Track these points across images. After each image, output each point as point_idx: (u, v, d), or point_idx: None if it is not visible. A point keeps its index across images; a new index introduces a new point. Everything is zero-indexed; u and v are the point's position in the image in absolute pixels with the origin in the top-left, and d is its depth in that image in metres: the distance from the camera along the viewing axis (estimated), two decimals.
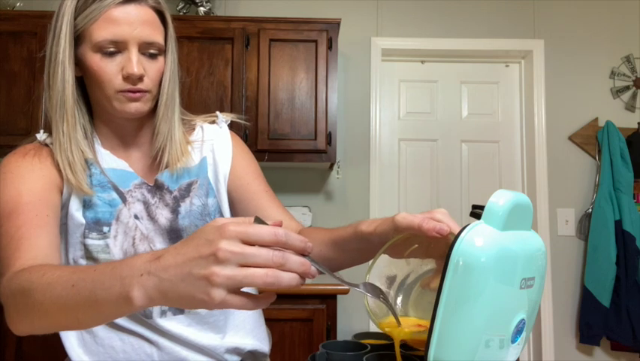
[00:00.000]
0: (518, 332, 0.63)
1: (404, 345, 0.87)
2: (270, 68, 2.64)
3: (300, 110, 2.63)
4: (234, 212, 1.02)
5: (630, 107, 3.03)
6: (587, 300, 2.80)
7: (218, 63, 2.63)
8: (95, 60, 0.85)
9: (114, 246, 0.89)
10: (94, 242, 0.88)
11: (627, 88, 3.05)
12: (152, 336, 0.90)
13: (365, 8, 3.04)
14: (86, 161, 0.90)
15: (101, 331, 0.90)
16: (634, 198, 2.86)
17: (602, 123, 2.97)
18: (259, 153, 2.54)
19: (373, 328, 2.85)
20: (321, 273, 0.55)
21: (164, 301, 0.53)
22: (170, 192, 0.95)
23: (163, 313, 0.90)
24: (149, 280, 0.52)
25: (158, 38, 0.88)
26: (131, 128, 0.95)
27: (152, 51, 0.87)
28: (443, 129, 3.13)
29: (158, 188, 0.95)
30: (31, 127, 2.53)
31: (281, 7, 2.95)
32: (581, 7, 3.08)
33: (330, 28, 2.67)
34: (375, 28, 3.04)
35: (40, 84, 2.56)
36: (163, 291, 0.52)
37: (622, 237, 2.77)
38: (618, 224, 2.79)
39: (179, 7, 2.81)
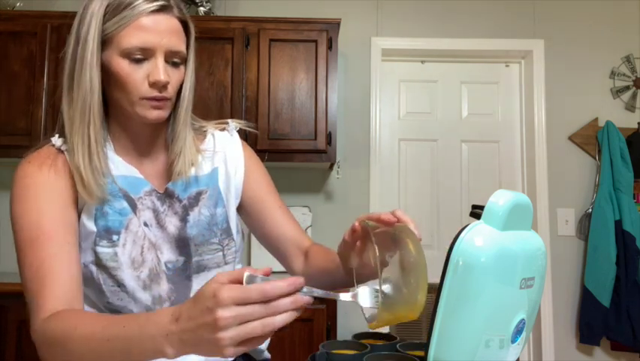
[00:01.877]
0: (518, 332, 0.63)
1: (404, 345, 0.87)
2: (270, 68, 2.64)
3: (300, 110, 2.63)
4: (250, 225, 1.08)
5: (630, 107, 3.03)
6: (587, 300, 2.80)
7: (218, 63, 2.63)
8: (123, 66, 0.86)
9: (122, 254, 0.90)
10: (103, 250, 0.89)
11: (627, 88, 3.05)
12: None
13: (365, 8, 3.04)
14: None
15: None
16: (634, 198, 2.86)
17: (602, 123, 2.97)
18: (259, 153, 2.51)
19: None
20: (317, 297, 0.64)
21: (194, 353, 0.61)
22: (180, 201, 0.97)
23: None
24: (174, 340, 0.62)
25: (182, 48, 0.90)
26: (147, 134, 0.96)
27: (175, 60, 0.89)
28: (443, 129, 3.13)
29: (168, 196, 0.96)
30: (31, 127, 2.53)
31: (281, 7, 2.95)
32: (581, 7, 3.08)
33: (330, 28, 2.66)
34: (375, 28, 3.04)
35: (40, 84, 2.56)
36: (188, 348, 0.61)
37: (622, 237, 2.77)
38: (618, 224, 2.79)
39: None
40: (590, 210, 2.92)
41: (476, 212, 0.63)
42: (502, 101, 3.16)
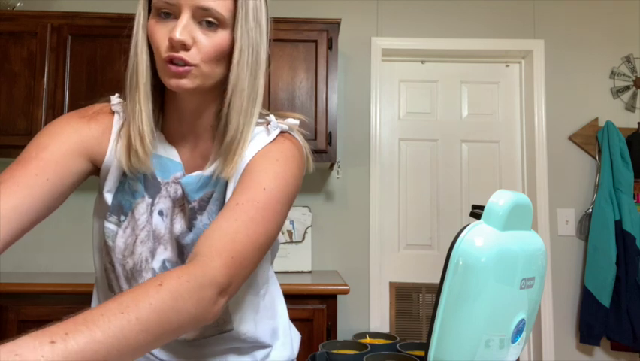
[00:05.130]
0: (518, 332, 0.63)
1: (403, 345, 0.87)
2: (270, 67, 2.64)
3: (300, 110, 2.63)
4: None
5: (630, 107, 3.03)
6: (587, 300, 2.80)
7: None
8: (152, 23, 0.78)
9: (120, 237, 0.85)
10: (109, 226, 0.85)
11: (627, 88, 3.05)
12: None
13: (365, 8, 3.04)
14: None
15: None
16: (634, 198, 2.86)
17: (602, 123, 2.97)
18: None
19: (373, 328, 2.85)
20: None
21: None
22: (189, 202, 0.85)
23: None
24: None
25: (216, 5, 0.76)
26: (189, 111, 0.85)
27: (209, 20, 0.77)
28: (443, 129, 3.13)
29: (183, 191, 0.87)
30: (31, 127, 2.53)
31: (281, 7, 2.95)
32: (581, 7, 3.08)
33: (330, 28, 2.67)
34: (375, 28, 3.04)
35: (40, 84, 2.55)
36: None
37: (622, 237, 2.77)
38: (618, 224, 2.79)
39: None
40: (590, 210, 2.92)
41: (476, 212, 0.63)
42: (502, 101, 3.16)
